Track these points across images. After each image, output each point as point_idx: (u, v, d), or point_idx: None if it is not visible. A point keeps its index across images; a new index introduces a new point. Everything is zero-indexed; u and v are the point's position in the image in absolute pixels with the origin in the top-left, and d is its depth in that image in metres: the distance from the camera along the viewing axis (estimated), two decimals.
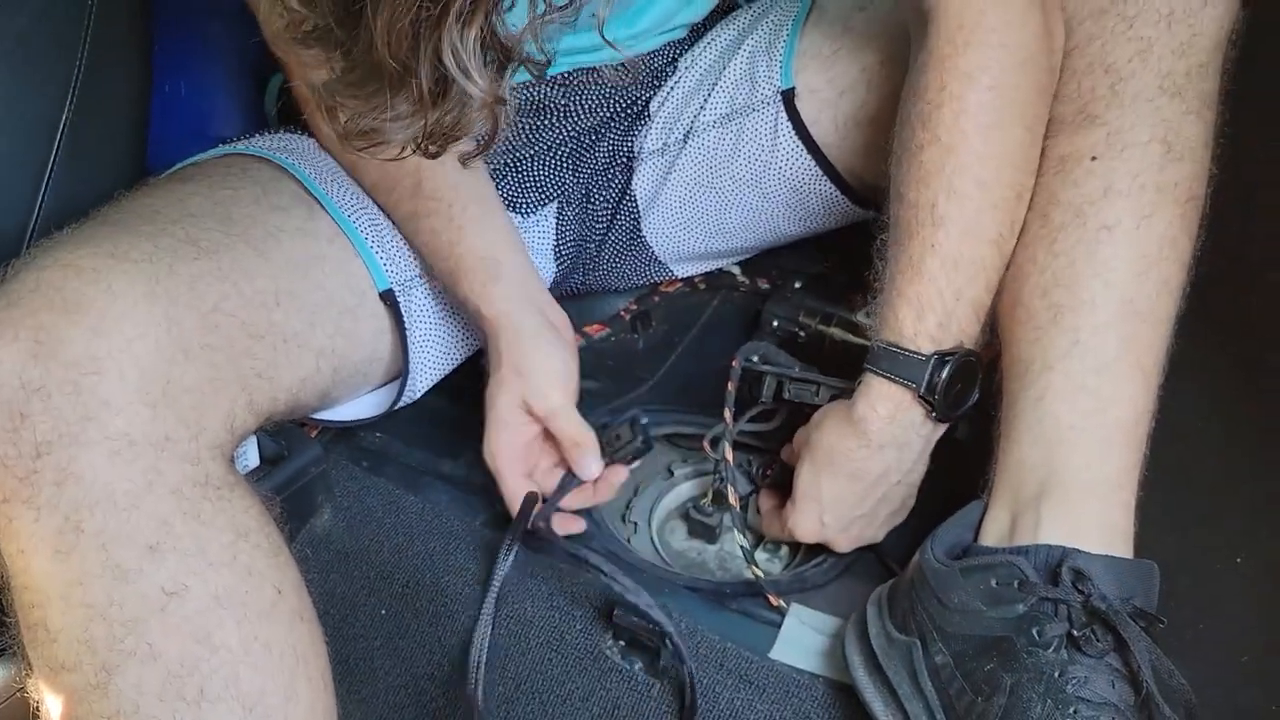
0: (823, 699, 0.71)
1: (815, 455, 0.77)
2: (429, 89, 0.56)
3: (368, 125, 0.60)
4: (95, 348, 0.61)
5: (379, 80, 0.57)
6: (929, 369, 0.71)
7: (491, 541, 0.82)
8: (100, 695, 0.59)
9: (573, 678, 0.76)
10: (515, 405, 0.80)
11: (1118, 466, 0.66)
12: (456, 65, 0.55)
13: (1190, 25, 0.70)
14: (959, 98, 0.71)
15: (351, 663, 0.81)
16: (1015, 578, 0.64)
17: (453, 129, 0.60)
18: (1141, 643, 0.59)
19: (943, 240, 0.71)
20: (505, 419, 0.80)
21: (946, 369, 0.71)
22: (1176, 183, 0.70)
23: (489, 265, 0.82)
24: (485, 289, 0.81)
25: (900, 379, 0.72)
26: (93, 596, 0.60)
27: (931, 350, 0.71)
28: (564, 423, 0.80)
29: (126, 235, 0.67)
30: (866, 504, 0.78)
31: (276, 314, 0.73)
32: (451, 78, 0.55)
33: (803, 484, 0.78)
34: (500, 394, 0.80)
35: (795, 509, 0.79)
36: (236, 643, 0.62)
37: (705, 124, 0.96)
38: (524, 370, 0.80)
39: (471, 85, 0.56)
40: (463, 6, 0.52)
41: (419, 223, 0.83)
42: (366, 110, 0.58)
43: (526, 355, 0.80)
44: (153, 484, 0.62)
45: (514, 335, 0.81)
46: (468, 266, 0.82)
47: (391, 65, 0.55)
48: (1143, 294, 0.69)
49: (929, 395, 0.71)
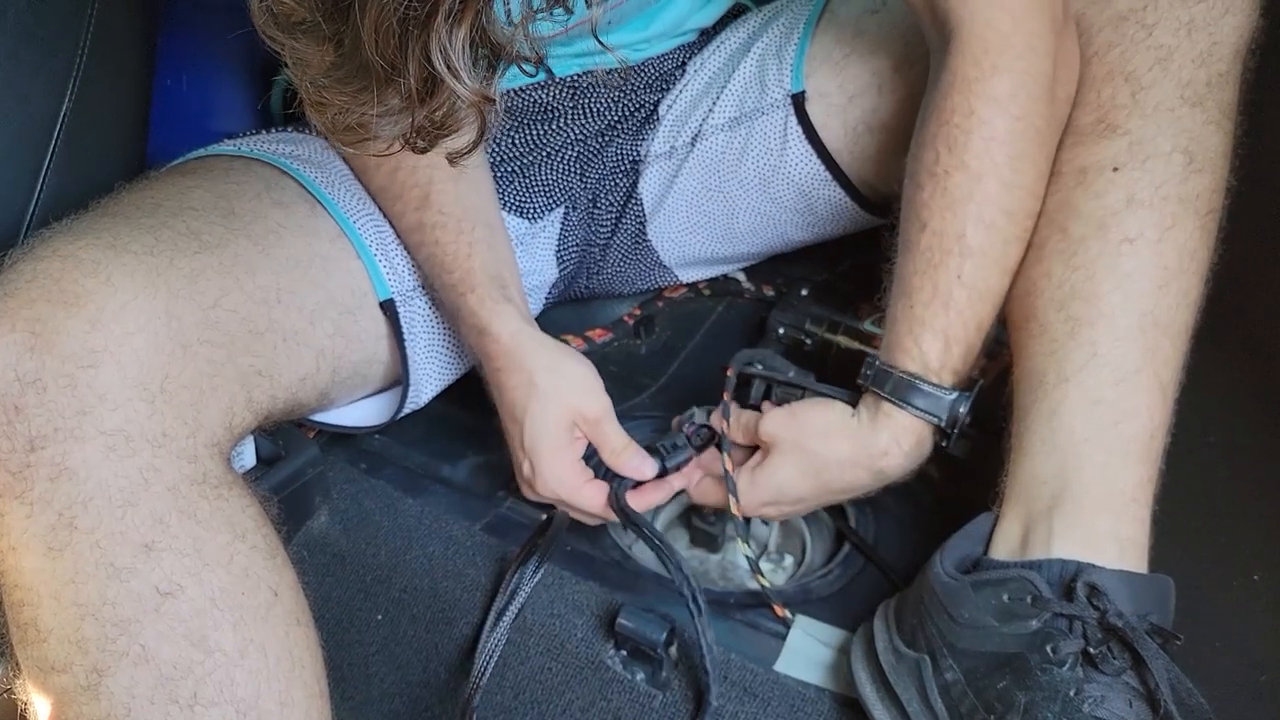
0: (829, 714, 0.70)
1: (802, 460, 0.75)
2: (417, 88, 0.55)
3: (354, 121, 0.59)
4: (93, 340, 0.60)
5: (366, 77, 0.56)
6: (954, 403, 0.70)
7: (492, 547, 0.81)
8: (90, 697, 0.58)
9: (572, 687, 0.74)
10: (566, 422, 0.77)
11: (1134, 480, 0.65)
12: (445, 65, 0.54)
13: (1210, 33, 0.69)
14: (988, 123, 0.69)
15: (346, 668, 0.80)
16: (1028, 593, 0.62)
17: (441, 126, 0.59)
18: (1159, 660, 0.57)
19: (970, 272, 0.70)
20: (561, 440, 0.77)
21: (968, 403, 0.70)
22: (1198, 194, 0.69)
23: (499, 285, 0.80)
24: (498, 306, 0.79)
25: (927, 414, 0.71)
26: (85, 596, 0.58)
27: (953, 382, 0.71)
28: (610, 428, 0.78)
29: (126, 227, 0.66)
30: (820, 504, 0.78)
31: (277, 311, 0.72)
32: (439, 77, 0.54)
33: (771, 476, 0.76)
34: (550, 411, 0.77)
35: (753, 489, 0.76)
36: (232, 646, 0.61)
37: (713, 127, 0.95)
38: (561, 385, 0.78)
39: (460, 85, 0.55)
40: (452, 6, 0.51)
41: (425, 234, 0.81)
42: (353, 106, 0.57)
43: (557, 367, 0.78)
44: (149, 481, 0.60)
45: (535, 351, 0.78)
46: (478, 281, 0.80)
47: (379, 63, 0.54)
48: (1163, 306, 0.67)
49: (949, 428, 0.71)
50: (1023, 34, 0.69)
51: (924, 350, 0.71)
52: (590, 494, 0.78)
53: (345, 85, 0.57)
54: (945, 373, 0.71)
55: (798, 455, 0.75)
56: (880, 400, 0.72)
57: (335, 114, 0.58)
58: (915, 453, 0.73)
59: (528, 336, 0.79)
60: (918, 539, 0.79)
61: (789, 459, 0.75)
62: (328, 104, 0.58)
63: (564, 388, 0.78)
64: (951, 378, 0.71)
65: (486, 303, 0.79)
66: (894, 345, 0.72)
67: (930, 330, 0.71)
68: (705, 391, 0.84)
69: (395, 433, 0.91)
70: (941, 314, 0.71)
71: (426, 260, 0.82)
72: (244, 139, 0.86)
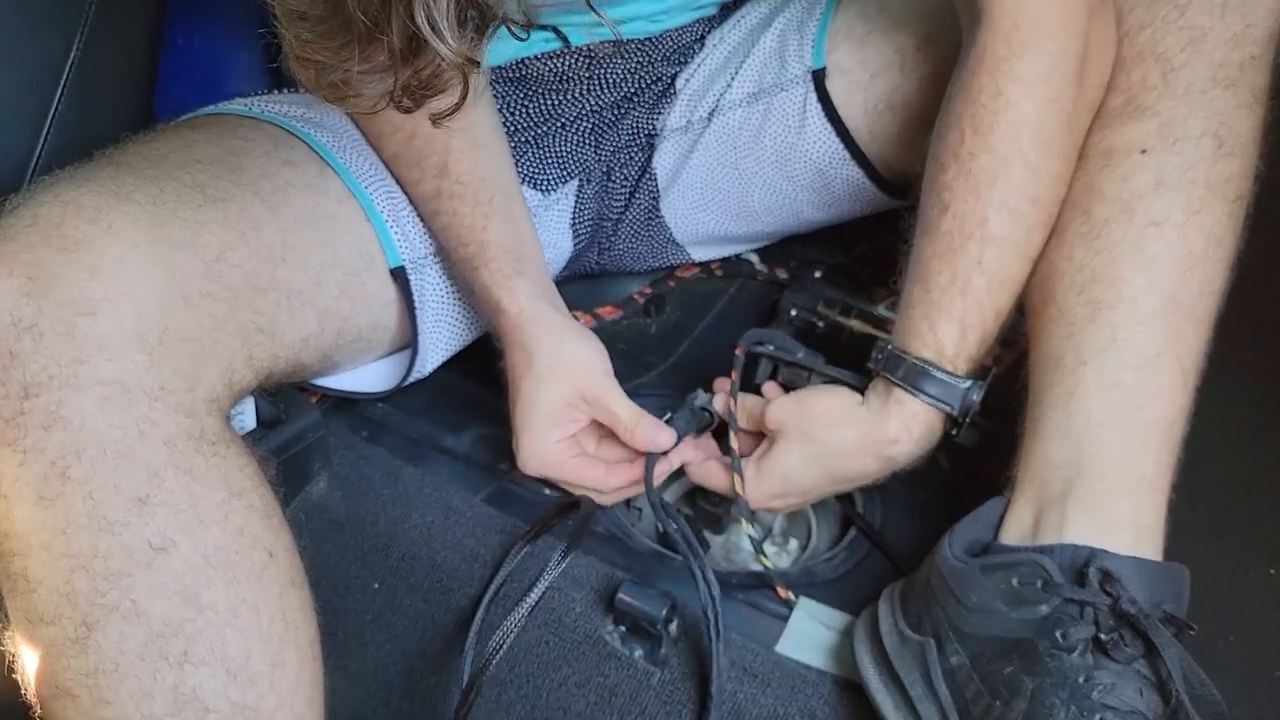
0: (830, 696, 0.68)
1: (809, 448, 0.73)
2: (401, 46, 0.54)
3: (338, 77, 0.58)
4: (92, 288, 0.58)
5: (349, 33, 0.55)
6: (967, 392, 0.69)
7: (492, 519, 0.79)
8: (79, 651, 0.57)
9: (569, 662, 0.73)
10: (564, 399, 0.76)
11: (1152, 466, 0.64)
12: (428, 24, 0.53)
13: (1244, 15, 0.68)
14: (1016, 105, 0.68)
15: (340, 635, 0.79)
16: (1039, 577, 0.61)
17: (427, 87, 0.58)
18: (1173, 649, 0.56)
19: (991, 258, 0.68)
20: (555, 417, 0.77)
21: (981, 391, 0.69)
22: (1227, 179, 0.67)
23: (514, 258, 0.79)
24: (510, 281, 0.78)
25: (939, 401, 0.69)
26: (76, 547, 0.57)
27: (966, 370, 0.69)
28: (618, 405, 0.77)
29: (131, 176, 0.65)
30: (827, 493, 0.77)
31: (282, 269, 0.71)
32: (423, 36, 0.53)
33: (778, 466, 0.74)
34: (544, 391, 0.76)
35: (759, 480, 0.75)
36: (225, 604, 0.60)
37: (731, 102, 0.93)
38: (566, 360, 0.77)
39: (443, 45, 0.54)
40: None
41: (441, 203, 0.80)
42: (337, 62, 0.56)
43: (563, 345, 0.77)
44: (145, 434, 0.59)
45: (545, 328, 0.77)
46: (492, 255, 0.79)
47: (362, 20, 0.53)
48: (1187, 292, 0.66)
49: (961, 417, 0.70)
50: (1055, 12, 0.67)
51: (939, 337, 0.69)
52: (574, 469, 0.77)
53: (329, 41, 0.56)
54: (960, 360, 0.69)
55: (804, 443, 0.73)
56: (891, 386, 0.71)
57: (319, 70, 0.57)
58: (925, 440, 0.71)
59: (534, 314, 0.77)
60: (925, 525, 0.78)
61: (795, 447, 0.74)
62: (311, 59, 0.57)
63: (563, 369, 0.76)
64: (966, 365, 0.70)
65: (498, 278, 0.78)
66: (908, 330, 0.71)
67: (946, 316, 0.69)
68: (715, 372, 0.83)
69: (398, 401, 0.90)
70: (959, 300, 0.69)
71: (442, 230, 0.81)
72: (255, 98, 0.85)
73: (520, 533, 0.78)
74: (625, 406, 0.77)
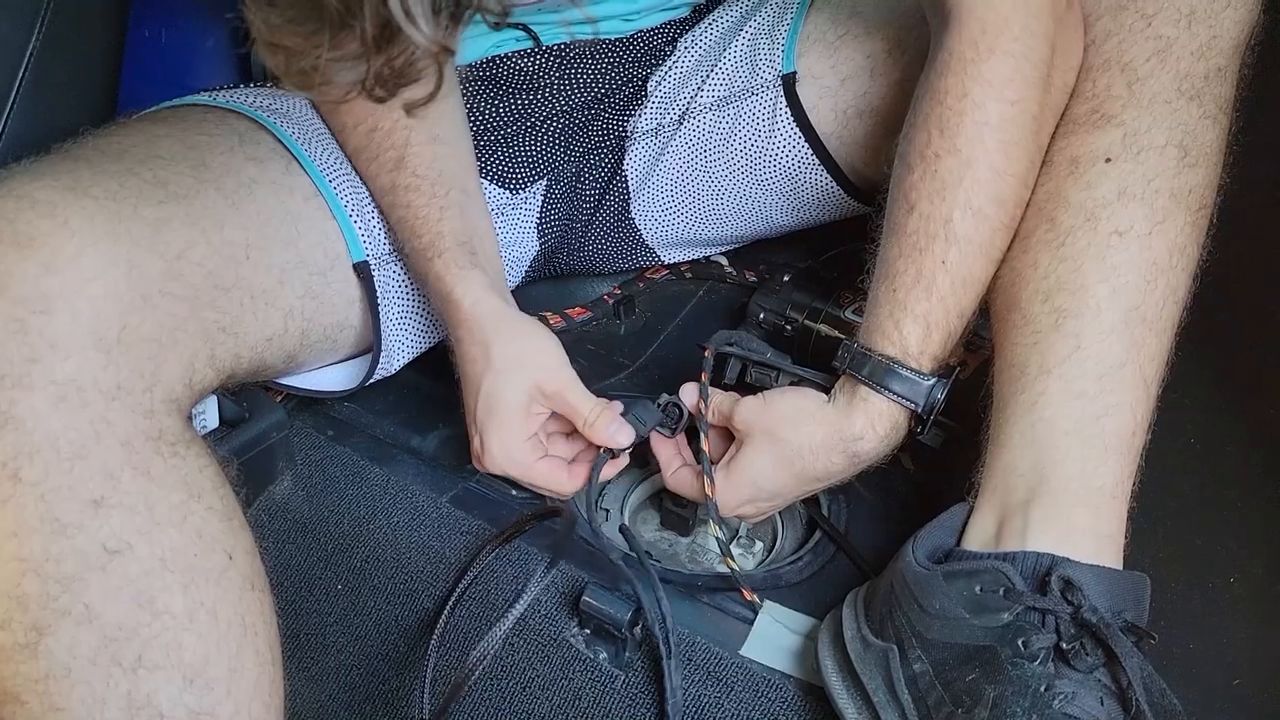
0: (792, 701, 0.68)
1: (776, 448, 0.73)
2: (373, 33, 0.53)
3: (308, 65, 0.56)
4: (46, 285, 0.57)
5: (320, 20, 0.54)
6: (931, 390, 0.69)
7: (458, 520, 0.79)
8: (29, 656, 0.56)
9: (534, 665, 0.73)
10: (525, 394, 0.75)
11: (1113, 476, 0.64)
12: (402, 11, 0.52)
13: (1211, 26, 0.68)
14: (981, 107, 0.68)
15: (303, 637, 0.78)
16: (1001, 585, 0.61)
17: (400, 76, 0.57)
18: (1133, 659, 0.56)
19: (955, 259, 0.69)
20: (517, 412, 0.75)
21: (945, 389, 0.69)
22: (1190, 189, 0.68)
23: (468, 251, 0.77)
24: (463, 273, 0.76)
25: (903, 399, 0.69)
26: (27, 550, 0.56)
27: (931, 368, 0.70)
28: (578, 398, 0.75)
29: (89, 171, 0.63)
30: (797, 496, 0.76)
31: (245, 267, 0.70)
32: (397, 24, 0.52)
33: (746, 469, 0.74)
34: (506, 387, 0.74)
35: (729, 484, 0.74)
36: (181, 608, 0.59)
37: (702, 106, 0.93)
38: (524, 354, 0.75)
39: (417, 33, 0.52)
40: None
41: (397, 195, 0.79)
42: (307, 49, 0.55)
43: (520, 338, 0.76)
44: (100, 435, 0.58)
45: (499, 321, 0.76)
46: (446, 246, 0.77)
47: (333, 5, 0.52)
48: (1150, 302, 0.66)
49: (925, 414, 0.70)
50: (1022, 16, 0.68)
51: (904, 334, 0.69)
52: (542, 471, 0.76)
53: (299, 26, 0.55)
54: (924, 358, 0.70)
55: (771, 444, 0.73)
56: (857, 384, 0.71)
57: (288, 56, 0.56)
58: (890, 437, 0.71)
59: (490, 307, 0.76)
60: (890, 529, 0.78)
61: (763, 449, 0.73)
62: (280, 44, 0.56)
63: (521, 362, 0.75)
64: (930, 364, 0.70)
65: (452, 268, 0.77)
66: (874, 328, 0.71)
67: (911, 315, 0.69)
68: (684, 374, 0.83)
69: (364, 400, 0.89)
70: (924, 299, 0.69)
71: (398, 223, 0.80)
72: (221, 91, 0.84)
73: (486, 535, 0.78)
74: (585, 399, 0.76)
